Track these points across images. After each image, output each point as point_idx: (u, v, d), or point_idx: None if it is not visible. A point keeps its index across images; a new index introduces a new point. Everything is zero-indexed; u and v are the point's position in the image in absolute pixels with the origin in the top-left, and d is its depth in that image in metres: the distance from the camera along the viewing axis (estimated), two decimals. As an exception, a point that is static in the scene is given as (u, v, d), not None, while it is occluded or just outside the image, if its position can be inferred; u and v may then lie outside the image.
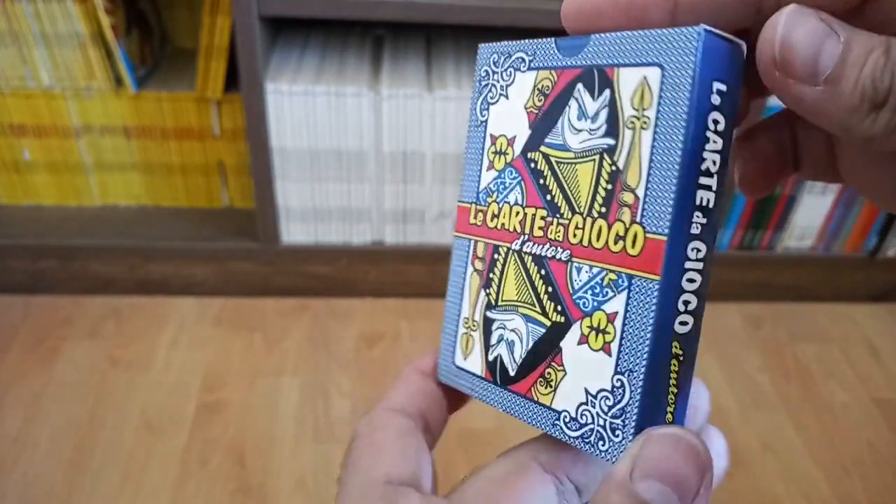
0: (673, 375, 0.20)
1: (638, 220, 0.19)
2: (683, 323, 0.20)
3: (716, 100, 0.19)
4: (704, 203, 0.19)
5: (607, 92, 0.20)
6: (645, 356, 0.19)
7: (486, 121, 0.25)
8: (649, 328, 0.19)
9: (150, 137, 1.01)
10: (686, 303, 0.20)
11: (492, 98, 0.24)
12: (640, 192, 0.19)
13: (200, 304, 1.07)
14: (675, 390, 0.20)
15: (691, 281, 0.20)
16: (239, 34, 0.83)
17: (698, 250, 0.19)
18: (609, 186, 0.20)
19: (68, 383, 0.94)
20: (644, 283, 0.19)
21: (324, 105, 0.90)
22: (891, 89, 0.17)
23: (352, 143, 0.94)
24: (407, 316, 1.08)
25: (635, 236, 0.20)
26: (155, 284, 1.07)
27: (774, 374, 1.03)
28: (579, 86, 0.21)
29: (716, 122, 0.19)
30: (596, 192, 0.21)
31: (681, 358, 0.20)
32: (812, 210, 1.05)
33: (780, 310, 1.14)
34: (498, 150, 0.24)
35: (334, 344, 1.02)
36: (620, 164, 0.20)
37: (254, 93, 0.88)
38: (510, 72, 0.24)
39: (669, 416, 0.20)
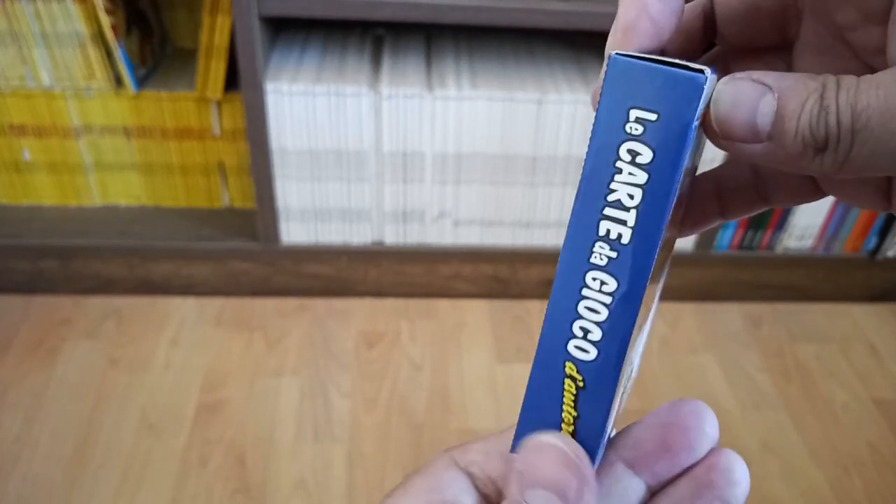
0: (568, 397, 0.20)
1: None
2: (581, 349, 0.19)
3: (634, 128, 0.18)
4: (613, 236, 0.18)
5: None
6: (533, 366, 0.20)
7: None
8: (540, 340, 0.20)
9: (150, 137, 1.01)
10: (585, 330, 0.19)
11: None
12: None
13: (200, 304, 1.07)
14: (575, 414, 0.20)
15: (592, 311, 0.19)
16: (239, 34, 0.83)
17: (603, 283, 0.19)
18: None
19: (68, 383, 0.94)
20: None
21: (324, 105, 0.90)
22: (827, 135, 0.17)
23: (352, 143, 0.94)
24: (407, 316, 1.08)
25: None
26: (155, 284, 1.07)
27: (774, 374, 1.03)
28: None
29: (634, 152, 0.18)
30: None
31: (579, 383, 0.20)
32: (812, 210, 1.05)
33: (780, 310, 1.14)
34: None
35: (334, 344, 1.02)
36: None
37: (254, 93, 0.88)
38: None
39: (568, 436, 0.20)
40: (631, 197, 0.18)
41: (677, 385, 1.00)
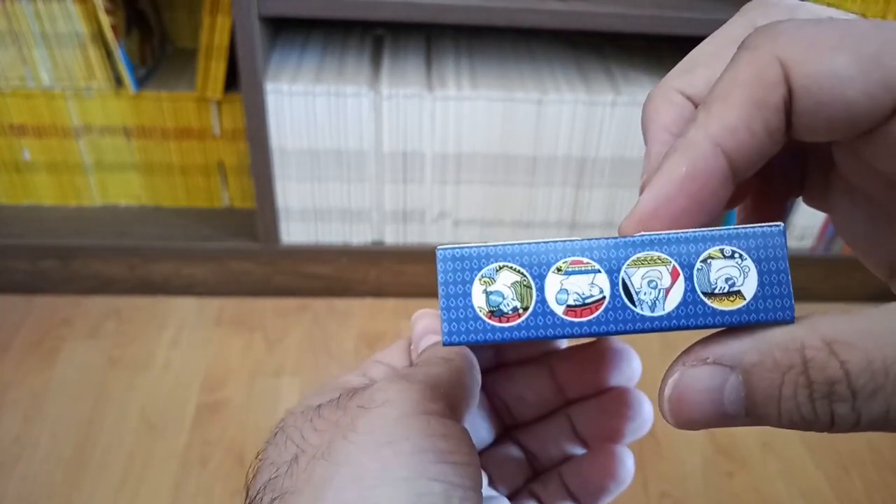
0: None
1: None
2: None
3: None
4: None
5: None
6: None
7: None
8: None
9: (150, 137, 1.01)
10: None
11: None
12: None
13: (200, 304, 1.07)
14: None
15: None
16: (239, 34, 0.83)
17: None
18: None
19: (68, 383, 0.94)
20: None
21: (324, 105, 0.90)
22: (832, 416, 0.14)
23: (352, 143, 0.94)
24: (407, 316, 1.08)
25: None
26: (155, 284, 1.07)
27: (774, 374, 1.03)
28: None
29: None
30: None
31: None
32: (812, 210, 1.04)
33: (780, 310, 1.14)
34: None
35: (334, 344, 1.02)
36: None
37: (254, 93, 0.88)
38: None
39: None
40: None
41: (677, 385, 1.00)
